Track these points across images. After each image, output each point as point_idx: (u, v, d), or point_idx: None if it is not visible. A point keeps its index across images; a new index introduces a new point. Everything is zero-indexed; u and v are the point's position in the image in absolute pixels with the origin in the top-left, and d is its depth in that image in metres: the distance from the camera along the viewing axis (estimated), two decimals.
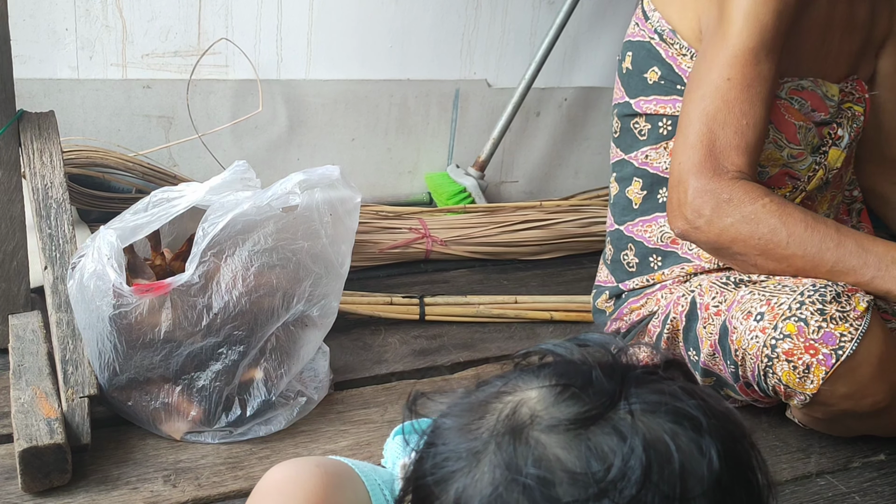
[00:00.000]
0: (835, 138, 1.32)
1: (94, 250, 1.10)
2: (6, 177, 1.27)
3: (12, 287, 1.30)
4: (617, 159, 1.41)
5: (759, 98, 1.18)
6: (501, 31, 2.04)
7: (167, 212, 1.14)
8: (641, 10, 1.36)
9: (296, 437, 1.19)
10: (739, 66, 1.17)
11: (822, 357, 1.09)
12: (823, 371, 1.09)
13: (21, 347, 1.21)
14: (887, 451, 1.28)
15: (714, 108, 1.18)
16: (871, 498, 1.19)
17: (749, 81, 1.17)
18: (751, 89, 1.17)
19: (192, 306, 1.11)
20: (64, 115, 1.57)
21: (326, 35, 1.88)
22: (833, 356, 1.09)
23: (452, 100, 2.04)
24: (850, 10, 1.31)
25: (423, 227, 1.79)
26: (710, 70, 1.19)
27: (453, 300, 1.58)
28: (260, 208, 1.13)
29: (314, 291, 1.19)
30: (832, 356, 1.09)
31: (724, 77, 1.18)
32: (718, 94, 1.18)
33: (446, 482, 0.57)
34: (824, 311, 1.10)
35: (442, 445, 0.59)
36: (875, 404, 1.14)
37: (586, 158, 2.23)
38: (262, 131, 1.89)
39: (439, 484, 0.57)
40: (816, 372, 1.10)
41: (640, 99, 1.35)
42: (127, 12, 1.70)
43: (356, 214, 1.23)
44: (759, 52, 1.17)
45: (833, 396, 1.13)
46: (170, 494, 1.07)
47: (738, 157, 1.17)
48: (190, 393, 1.15)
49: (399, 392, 1.33)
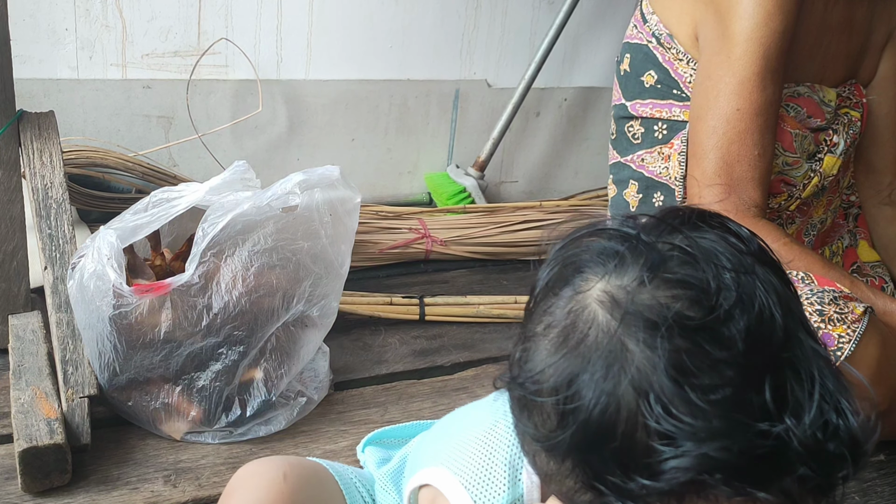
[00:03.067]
0: (830, 145, 1.31)
1: (94, 250, 1.10)
2: (6, 177, 1.27)
3: (12, 287, 1.30)
4: (614, 161, 1.41)
5: (768, 125, 1.19)
6: (501, 32, 2.04)
7: (167, 212, 1.14)
8: (640, 13, 1.36)
9: (296, 438, 1.19)
10: (747, 94, 1.18)
11: None
12: None
13: (21, 347, 1.21)
14: (887, 451, 1.28)
15: (727, 142, 1.19)
16: (870, 498, 1.19)
17: (757, 109, 1.18)
18: (760, 117, 1.18)
19: (192, 306, 1.11)
20: (64, 115, 1.57)
21: (326, 35, 1.88)
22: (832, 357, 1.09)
23: (452, 100, 2.04)
24: (849, 12, 1.30)
25: (423, 227, 1.79)
26: (717, 98, 1.19)
27: (453, 300, 1.58)
28: (260, 208, 1.13)
29: (314, 291, 1.19)
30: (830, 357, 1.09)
31: (734, 108, 1.18)
32: (730, 125, 1.19)
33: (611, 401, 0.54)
34: (823, 312, 1.10)
35: (569, 380, 0.56)
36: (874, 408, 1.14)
37: (586, 158, 2.23)
38: (262, 131, 1.88)
39: (596, 406, 0.54)
40: None
41: (637, 102, 1.35)
42: (127, 12, 1.70)
43: (356, 214, 1.23)
44: (764, 77, 1.18)
45: None
46: (170, 494, 1.07)
47: (754, 190, 1.19)
48: (190, 393, 1.15)
49: (399, 392, 1.33)
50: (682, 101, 1.30)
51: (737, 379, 0.52)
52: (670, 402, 0.52)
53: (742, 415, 0.51)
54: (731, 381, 0.52)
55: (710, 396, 0.51)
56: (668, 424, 0.51)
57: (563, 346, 0.57)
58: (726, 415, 0.51)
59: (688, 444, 0.51)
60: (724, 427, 0.51)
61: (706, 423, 0.51)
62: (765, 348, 0.53)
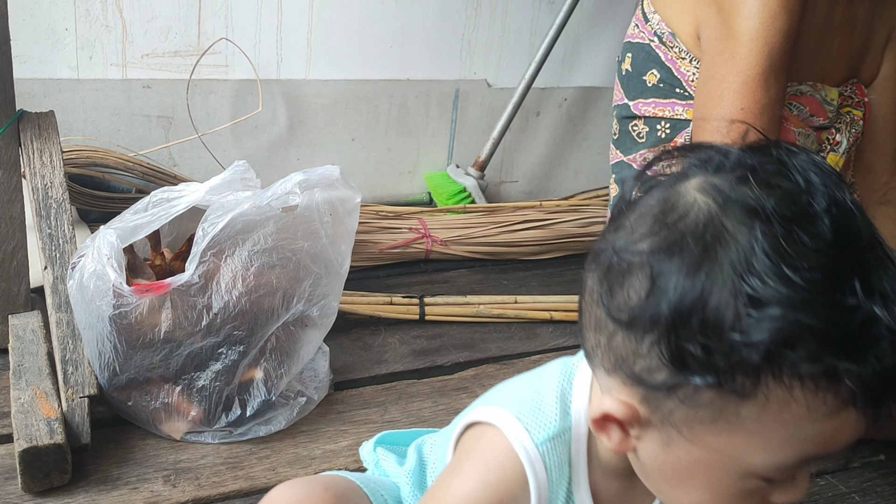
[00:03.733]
0: (833, 143, 1.32)
1: (94, 250, 1.10)
2: (6, 177, 1.27)
3: (12, 287, 1.30)
4: (616, 161, 1.41)
5: (772, 123, 1.19)
6: (501, 31, 2.04)
7: (167, 212, 1.14)
8: (641, 12, 1.36)
9: (296, 438, 1.19)
10: (751, 94, 1.17)
11: None
12: None
13: (21, 347, 1.21)
14: (887, 451, 1.28)
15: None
16: (871, 498, 1.19)
17: (761, 108, 1.18)
18: (764, 115, 1.18)
19: (192, 306, 1.11)
20: (64, 115, 1.57)
21: (326, 35, 1.88)
22: None
23: (452, 100, 2.04)
24: (850, 11, 1.30)
25: (423, 227, 1.79)
26: (722, 97, 1.19)
27: (453, 300, 1.58)
28: (260, 208, 1.13)
29: (314, 291, 1.19)
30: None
31: (738, 107, 1.18)
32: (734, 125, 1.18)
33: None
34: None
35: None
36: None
37: (586, 158, 2.23)
38: (261, 131, 1.88)
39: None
40: None
41: (639, 101, 1.35)
42: (127, 12, 1.70)
43: (356, 214, 1.22)
44: (768, 77, 1.17)
45: None
46: (170, 494, 1.07)
47: None
48: (190, 393, 1.15)
49: (399, 392, 1.33)
50: (685, 100, 1.30)
51: (829, 266, 0.54)
52: (766, 275, 0.54)
53: (833, 292, 0.54)
54: (822, 267, 0.54)
55: (804, 275, 0.54)
56: (764, 291, 0.53)
57: (660, 221, 0.59)
58: (819, 289, 0.54)
59: (780, 309, 0.53)
60: (816, 298, 0.53)
61: (799, 294, 0.53)
62: (853, 246, 0.56)
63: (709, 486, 0.60)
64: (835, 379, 0.54)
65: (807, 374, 0.54)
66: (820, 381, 0.54)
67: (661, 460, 0.61)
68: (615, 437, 0.63)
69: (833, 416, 0.55)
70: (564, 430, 0.68)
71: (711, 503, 0.61)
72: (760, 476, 0.59)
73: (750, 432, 0.57)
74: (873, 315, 0.54)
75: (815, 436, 0.56)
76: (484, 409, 0.70)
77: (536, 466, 0.65)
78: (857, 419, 0.56)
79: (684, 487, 0.62)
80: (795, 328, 0.53)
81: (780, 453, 0.57)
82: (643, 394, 0.60)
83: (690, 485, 0.61)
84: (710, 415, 0.57)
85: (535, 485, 0.65)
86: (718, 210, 0.57)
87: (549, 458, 0.66)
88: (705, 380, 0.55)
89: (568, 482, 0.67)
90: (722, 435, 0.57)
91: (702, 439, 0.58)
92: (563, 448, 0.67)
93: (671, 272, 0.57)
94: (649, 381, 0.59)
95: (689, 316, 0.56)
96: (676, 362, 0.56)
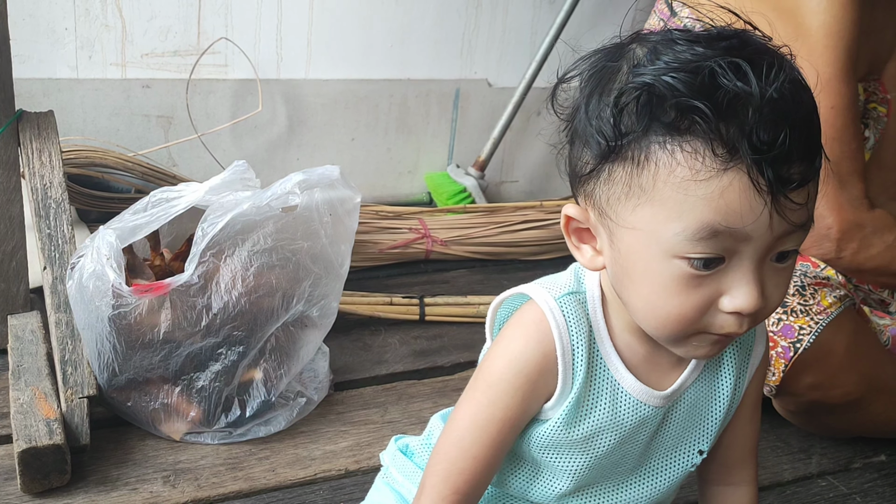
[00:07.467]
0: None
1: (94, 250, 1.10)
2: (5, 177, 1.27)
3: (11, 287, 1.29)
4: None
5: (857, 117, 1.18)
6: (502, 31, 2.04)
7: (166, 212, 1.14)
8: (667, 5, 1.32)
9: (295, 438, 1.19)
10: (837, 90, 1.16)
11: (780, 350, 1.12)
12: (783, 364, 1.12)
13: (20, 348, 1.21)
14: (888, 451, 1.28)
15: (830, 139, 1.17)
16: (871, 499, 1.19)
17: (847, 103, 1.17)
18: (850, 111, 1.17)
19: (191, 307, 1.10)
20: (63, 114, 1.56)
21: (326, 34, 1.87)
22: (791, 349, 1.12)
23: (452, 99, 2.04)
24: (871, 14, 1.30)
25: (423, 227, 1.79)
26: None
27: (453, 300, 1.58)
28: (259, 208, 1.12)
29: (314, 292, 1.18)
30: (790, 349, 1.12)
31: (828, 106, 1.16)
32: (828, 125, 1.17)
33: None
34: (785, 304, 1.11)
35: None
36: (846, 395, 1.16)
37: None
38: (261, 131, 1.88)
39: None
40: (777, 364, 1.13)
41: None
42: (126, 12, 1.70)
43: (356, 214, 1.22)
44: (848, 70, 1.16)
45: (800, 386, 1.16)
46: (169, 495, 1.06)
47: (859, 182, 1.19)
48: (189, 393, 1.15)
49: (399, 392, 1.32)
50: None
51: (707, 52, 0.64)
52: (647, 62, 0.65)
53: (700, 68, 0.63)
54: (704, 56, 0.63)
55: (675, 56, 0.64)
56: (644, 69, 0.64)
57: (594, 60, 0.71)
58: (686, 63, 0.63)
59: (652, 76, 0.64)
60: (683, 66, 0.63)
61: (670, 66, 0.63)
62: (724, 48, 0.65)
63: (644, 275, 0.67)
64: (705, 137, 0.62)
65: (682, 130, 0.63)
66: (695, 143, 0.62)
67: (612, 260, 0.70)
68: (587, 252, 0.74)
69: (716, 177, 0.62)
70: (579, 292, 0.77)
71: (653, 296, 0.68)
72: (680, 255, 0.65)
73: (652, 201, 0.65)
74: (737, 85, 0.61)
75: (706, 199, 0.62)
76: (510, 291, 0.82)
77: (555, 314, 0.75)
78: (741, 183, 0.62)
79: (632, 285, 0.69)
80: (664, 85, 0.62)
81: (682, 221, 0.64)
82: (585, 192, 0.71)
83: (634, 279, 0.69)
84: (623, 191, 0.66)
85: (556, 328, 0.75)
86: (637, 47, 0.68)
87: (566, 308, 0.76)
88: (608, 155, 0.66)
89: (588, 334, 0.76)
90: (636, 211, 0.66)
91: (624, 218, 0.67)
92: (578, 305, 0.76)
93: (587, 86, 0.70)
94: (582, 173, 0.70)
95: (591, 99, 0.68)
96: (590, 145, 0.68)
